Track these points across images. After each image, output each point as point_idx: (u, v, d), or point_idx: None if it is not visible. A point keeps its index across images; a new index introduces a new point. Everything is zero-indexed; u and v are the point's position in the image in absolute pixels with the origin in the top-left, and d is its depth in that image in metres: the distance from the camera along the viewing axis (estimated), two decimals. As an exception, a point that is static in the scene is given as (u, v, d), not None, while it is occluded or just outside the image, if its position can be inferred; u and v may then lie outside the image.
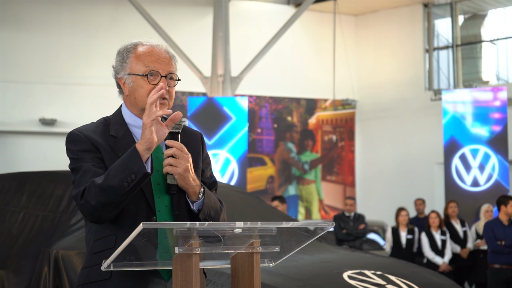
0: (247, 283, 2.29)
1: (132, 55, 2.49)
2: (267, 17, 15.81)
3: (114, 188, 2.27)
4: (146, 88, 2.46)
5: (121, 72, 2.51)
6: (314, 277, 4.25)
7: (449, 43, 16.31)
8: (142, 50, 2.49)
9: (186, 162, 2.40)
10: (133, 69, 2.48)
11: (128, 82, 2.50)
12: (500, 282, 8.19)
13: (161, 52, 2.51)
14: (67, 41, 14.45)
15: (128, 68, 2.49)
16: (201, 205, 2.45)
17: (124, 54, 2.51)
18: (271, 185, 15.94)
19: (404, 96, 16.03)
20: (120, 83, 2.53)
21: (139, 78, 2.47)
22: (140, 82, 2.47)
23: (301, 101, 16.31)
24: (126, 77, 2.50)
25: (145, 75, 2.46)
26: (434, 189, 15.12)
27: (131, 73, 2.48)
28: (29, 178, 4.95)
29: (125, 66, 2.50)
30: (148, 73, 2.46)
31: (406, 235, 9.92)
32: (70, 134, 2.48)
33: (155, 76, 2.46)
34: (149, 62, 2.47)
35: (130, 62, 2.49)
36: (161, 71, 2.47)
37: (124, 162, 2.29)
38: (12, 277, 4.37)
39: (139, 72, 2.47)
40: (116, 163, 2.32)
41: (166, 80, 2.47)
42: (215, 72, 12.70)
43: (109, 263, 2.18)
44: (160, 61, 2.48)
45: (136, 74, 2.47)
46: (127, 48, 2.52)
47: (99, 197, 2.28)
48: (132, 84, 2.49)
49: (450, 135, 11.93)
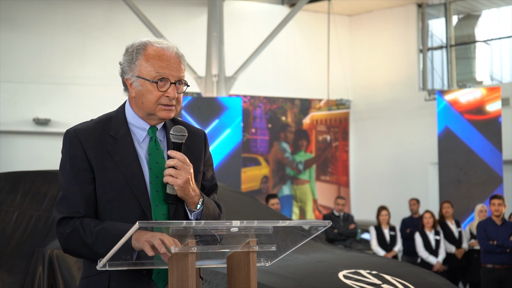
0: (243, 283, 2.29)
1: (141, 56, 2.43)
2: (261, 17, 15.81)
3: (96, 253, 2.27)
4: (154, 94, 2.41)
5: (129, 72, 2.45)
6: (309, 277, 4.25)
7: (443, 43, 16.34)
8: (153, 53, 2.42)
9: (187, 173, 2.37)
10: (142, 72, 2.42)
11: (136, 85, 2.44)
12: (493, 281, 8.21)
13: (172, 56, 2.44)
14: (61, 40, 14.41)
15: (137, 70, 2.42)
16: (199, 215, 2.43)
17: (134, 54, 2.44)
18: (265, 185, 15.93)
19: (398, 96, 16.05)
20: (127, 83, 2.48)
21: (147, 83, 2.41)
22: (149, 87, 2.41)
23: (295, 101, 16.31)
24: (134, 79, 2.44)
25: (155, 82, 2.40)
26: (428, 189, 15.15)
27: (139, 76, 2.42)
28: (23, 177, 4.92)
29: (133, 67, 2.44)
30: (157, 80, 2.40)
31: (389, 232, 10.00)
32: (66, 133, 2.45)
33: (164, 82, 2.41)
34: (160, 67, 2.40)
35: (139, 65, 2.42)
36: (171, 77, 2.41)
37: (117, 238, 2.16)
38: (6, 277, 4.35)
39: (148, 77, 2.40)
40: (110, 230, 2.28)
41: (175, 86, 2.43)
42: (209, 72, 12.69)
43: (105, 262, 2.17)
44: (170, 67, 2.42)
45: (145, 78, 2.41)
46: (137, 48, 2.45)
47: (80, 249, 2.33)
48: (140, 88, 2.43)
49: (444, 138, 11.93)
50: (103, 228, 2.30)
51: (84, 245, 2.30)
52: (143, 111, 2.46)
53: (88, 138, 2.42)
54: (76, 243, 2.32)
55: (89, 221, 2.33)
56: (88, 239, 2.29)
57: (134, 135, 2.47)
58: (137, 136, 2.47)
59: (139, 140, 2.47)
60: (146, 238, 2.17)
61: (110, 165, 2.39)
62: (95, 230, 2.30)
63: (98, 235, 2.29)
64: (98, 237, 2.28)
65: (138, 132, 2.47)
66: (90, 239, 2.29)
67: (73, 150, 2.41)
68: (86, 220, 2.34)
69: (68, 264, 4.14)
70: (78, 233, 2.31)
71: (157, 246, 2.15)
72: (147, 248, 2.15)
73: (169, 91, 2.41)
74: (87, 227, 2.31)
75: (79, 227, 2.32)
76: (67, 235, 2.34)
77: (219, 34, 12.69)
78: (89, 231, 2.30)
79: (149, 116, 2.45)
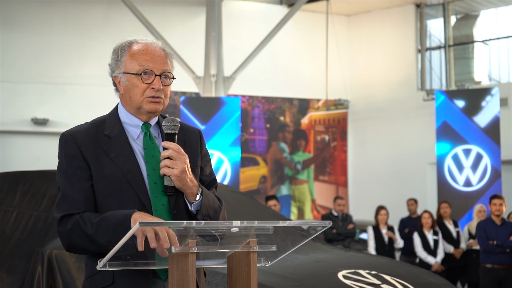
0: (243, 283, 2.29)
1: (126, 53, 2.49)
2: (260, 17, 15.81)
3: (99, 244, 2.29)
4: (140, 87, 2.46)
5: (116, 70, 2.51)
6: (309, 277, 4.24)
7: (441, 43, 16.35)
8: (137, 49, 2.49)
9: (183, 163, 2.40)
10: (127, 67, 2.48)
11: (123, 81, 2.50)
12: (492, 281, 8.22)
13: (156, 50, 2.50)
14: (59, 40, 14.40)
15: (123, 67, 2.49)
16: (199, 206, 2.44)
17: (119, 52, 2.51)
18: (264, 185, 15.93)
19: (397, 96, 16.06)
20: (116, 82, 2.53)
21: (133, 77, 2.47)
22: (134, 81, 2.47)
23: (294, 101, 16.31)
24: (121, 75, 2.50)
25: (139, 74, 2.46)
26: (426, 189, 15.16)
27: (125, 72, 2.48)
28: (22, 177, 4.92)
29: (120, 64, 2.50)
30: (142, 72, 2.46)
31: (387, 232, 10.00)
32: (61, 136, 2.48)
33: (149, 75, 2.46)
34: (143, 61, 2.47)
35: (124, 61, 2.49)
36: (155, 70, 2.47)
37: (118, 225, 2.25)
38: (5, 277, 4.35)
39: (133, 71, 2.47)
40: (110, 218, 2.30)
41: (160, 78, 2.47)
42: (208, 72, 12.69)
43: (105, 262, 2.18)
44: (154, 60, 2.48)
45: (130, 73, 2.47)
46: (122, 46, 2.52)
47: (82, 242, 2.33)
48: (126, 83, 2.49)
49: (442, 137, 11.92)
50: (104, 217, 2.32)
51: (86, 237, 2.31)
52: (131, 106, 2.51)
53: (83, 139, 2.45)
54: (78, 237, 2.33)
55: (89, 214, 2.36)
56: (89, 230, 2.31)
57: (128, 133, 2.51)
58: (132, 134, 2.51)
59: (134, 137, 2.51)
60: (141, 228, 2.16)
61: (106, 162, 2.42)
62: (96, 221, 2.32)
63: (99, 224, 2.30)
64: (99, 226, 2.30)
65: (132, 130, 2.51)
66: (91, 229, 2.30)
67: (69, 151, 2.44)
68: (86, 213, 2.36)
69: (67, 264, 4.13)
70: (79, 227, 2.33)
71: (149, 239, 2.16)
72: (139, 240, 2.16)
73: (154, 83, 2.46)
74: (87, 220, 2.33)
75: (80, 221, 2.33)
76: (68, 231, 2.35)
77: (217, 34, 12.69)
78: (90, 223, 2.32)
79: (138, 110, 2.50)
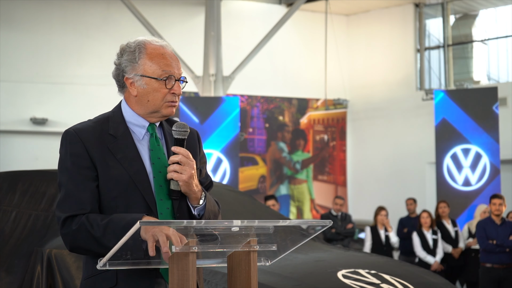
0: (244, 282, 2.28)
1: (144, 55, 2.47)
2: (259, 17, 15.81)
3: (106, 246, 2.24)
4: (162, 92, 2.46)
5: (131, 72, 2.48)
6: (308, 276, 4.24)
7: (440, 43, 16.35)
8: (154, 52, 2.48)
9: (191, 169, 2.40)
10: (147, 71, 2.46)
11: (141, 84, 2.47)
12: (491, 281, 8.22)
13: (172, 53, 2.52)
14: (58, 40, 14.40)
15: (141, 69, 2.47)
16: (202, 210, 2.45)
17: (136, 53, 2.48)
18: (263, 185, 15.93)
19: (396, 96, 16.06)
20: (127, 83, 2.50)
21: (153, 81, 2.46)
22: (155, 85, 2.46)
23: (293, 100, 16.30)
24: (138, 78, 2.47)
25: (163, 79, 2.46)
26: (425, 189, 15.16)
27: (144, 75, 2.46)
28: (21, 177, 4.92)
29: (136, 66, 2.47)
30: (164, 77, 2.46)
31: (384, 232, 9.98)
32: (65, 133, 2.46)
33: (169, 80, 2.47)
34: (165, 65, 2.47)
35: (143, 64, 2.46)
36: (176, 74, 2.48)
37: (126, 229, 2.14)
38: (4, 277, 4.34)
39: (155, 75, 2.46)
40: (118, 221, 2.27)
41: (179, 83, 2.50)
42: (207, 71, 12.69)
43: (105, 261, 2.16)
44: (173, 64, 2.49)
45: (152, 77, 2.46)
46: (139, 46, 2.49)
47: (88, 244, 2.30)
48: (145, 87, 2.47)
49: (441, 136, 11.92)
50: (111, 220, 2.29)
51: (93, 239, 2.29)
52: (146, 109, 2.50)
53: (89, 137, 2.43)
54: (84, 238, 2.30)
55: (95, 216, 2.33)
56: (96, 233, 2.28)
57: (133, 133, 2.50)
58: (137, 134, 2.50)
59: (139, 138, 2.50)
60: (153, 232, 2.15)
61: (112, 163, 2.40)
62: (103, 223, 2.29)
63: (106, 227, 2.28)
64: (107, 229, 2.27)
65: (137, 130, 2.50)
66: (98, 232, 2.28)
67: (74, 149, 2.41)
68: (92, 215, 2.33)
69: (66, 263, 4.13)
70: (85, 228, 2.30)
71: (161, 243, 2.14)
72: (150, 245, 2.14)
73: (175, 88, 2.48)
74: (93, 222, 2.30)
75: (86, 222, 2.30)
76: (73, 232, 2.32)
77: (216, 34, 12.69)
78: (97, 225, 2.29)
79: (152, 114, 2.49)
